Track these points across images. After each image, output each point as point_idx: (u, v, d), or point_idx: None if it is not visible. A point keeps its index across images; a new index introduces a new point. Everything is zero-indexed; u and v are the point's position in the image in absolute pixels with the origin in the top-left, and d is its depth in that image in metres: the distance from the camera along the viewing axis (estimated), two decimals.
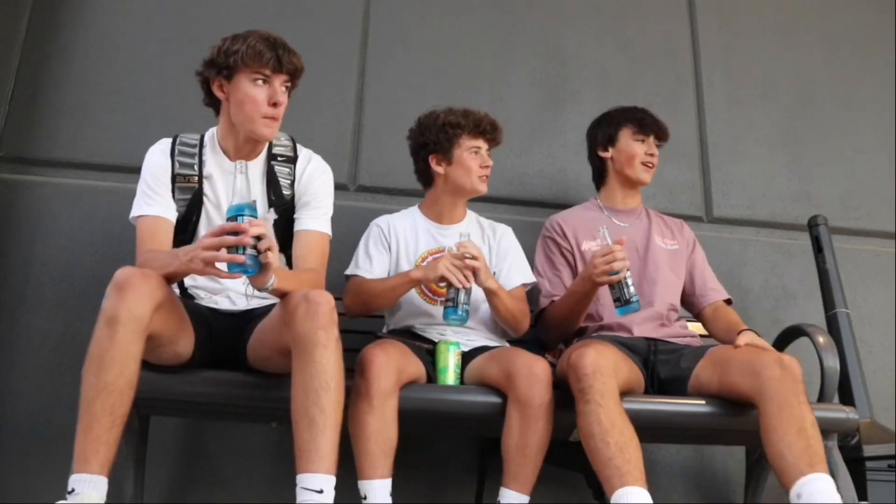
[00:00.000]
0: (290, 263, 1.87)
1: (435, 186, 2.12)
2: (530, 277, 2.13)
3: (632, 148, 2.20)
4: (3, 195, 2.41)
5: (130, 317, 1.44)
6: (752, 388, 1.66)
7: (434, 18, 2.85)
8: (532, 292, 2.17)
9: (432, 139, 2.07)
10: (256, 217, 1.52)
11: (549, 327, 2.09)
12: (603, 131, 2.27)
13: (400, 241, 2.10)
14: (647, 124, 2.21)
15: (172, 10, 2.68)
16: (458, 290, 1.84)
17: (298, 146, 1.93)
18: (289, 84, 1.78)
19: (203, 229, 1.80)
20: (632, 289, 1.83)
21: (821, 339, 1.95)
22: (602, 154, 2.27)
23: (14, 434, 2.20)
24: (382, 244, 2.10)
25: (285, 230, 1.85)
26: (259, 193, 1.83)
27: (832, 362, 1.89)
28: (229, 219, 1.50)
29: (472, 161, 2.04)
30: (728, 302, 2.19)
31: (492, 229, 2.19)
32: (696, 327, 2.27)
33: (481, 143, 2.05)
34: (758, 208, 2.84)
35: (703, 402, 1.80)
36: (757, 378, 1.65)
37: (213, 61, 1.77)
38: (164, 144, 1.86)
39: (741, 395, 1.72)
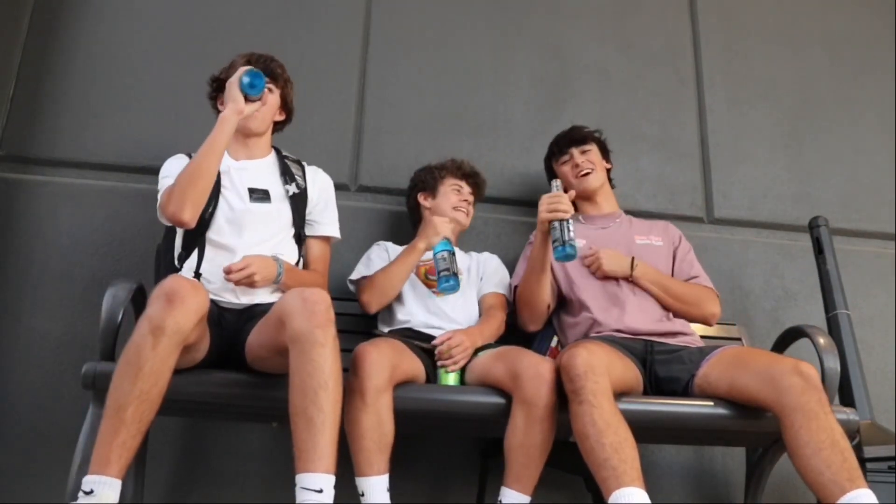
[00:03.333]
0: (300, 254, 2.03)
1: (422, 220, 2.28)
2: (510, 293, 2.22)
3: (562, 173, 2.34)
4: (4, 194, 2.41)
5: (176, 329, 1.46)
6: (770, 397, 1.65)
7: (435, 19, 2.85)
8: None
9: (421, 180, 2.34)
10: None
11: (519, 305, 2.14)
12: (547, 170, 2.44)
13: (391, 255, 2.18)
14: (561, 143, 2.36)
15: (174, 10, 2.68)
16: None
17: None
18: (269, 86, 1.99)
19: (221, 215, 1.91)
20: (572, 233, 1.88)
21: (821, 341, 1.95)
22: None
23: (14, 434, 2.20)
24: (382, 254, 2.22)
25: (300, 218, 2.01)
26: (275, 182, 2.00)
27: (833, 364, 1.88)
28: None
29: (451, 194, 2.28)
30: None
31: (477, 254, 2.35)
32: (697, 328, 2.27)
33: (463, 184, 2.31)
34: (759, 209, 2.84)
35: (712, 403, 1.80)
36: (774, 386, 1.64)
37: (211, 81, 2.08)
38: (182, 156, 2.01)
39: (753, 401, 1.72)
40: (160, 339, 1.44)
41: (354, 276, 2.16)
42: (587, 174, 2.28)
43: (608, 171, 2.38)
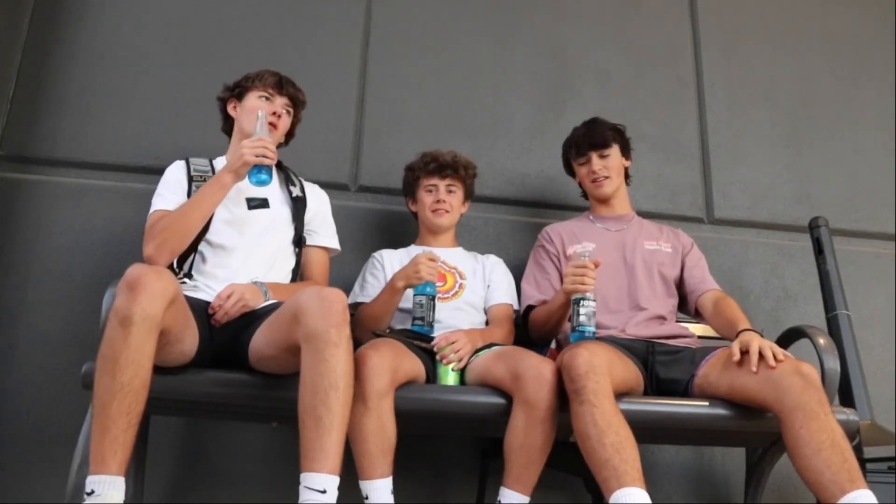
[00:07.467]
0: (297, 262, 2.06)
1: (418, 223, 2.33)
2: (516, 302, 2.21)
3: (579, 173, 2.32)
4: (4, 194, 2.41)
5: (144, 316, 1.45)
6: (770, 397, 1.64)
7: (435, 18, 2.85)
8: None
9: (404, 185, 2.34)
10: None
11: (532, 328, 2.13)
12: (564, 161, 2.40)
13: (387, 270, 2.17)
14: (581, 145, 2.28)
15: (173, 10, 2.68)
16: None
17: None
18: (290, 108, 2.09)
19: (220, 219, 1.93)
20: (584, 318, 1.85)
21: (821, 341, 1.94)
22: (574, 179, 2.40)
23: (14, 434, 2.19)
24: (377, 272, 2.20)
25: (300, 222, 2.04)
26: (274, 188, 2.01)
27: (832, 364, 1.88)
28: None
29: (426, 198, 2.25)
30: None
31: (483, 257, 2.31)
32: (696, 328, 2.27)
33: (436, 181, 2.24)
34: (759, 210, 2.84)
35: (712, 403, 1.80)
36: (774, 387, 1.64)
37: (229, 86, 2.11)
38: (181, 164, 2.05)
39: (754, 401, 1.71)
40: (130, 328, 1.43)
41: (350, 298, 2.12)
42: (603, 181, 2.23)
43: (626, 168, 2.32)
